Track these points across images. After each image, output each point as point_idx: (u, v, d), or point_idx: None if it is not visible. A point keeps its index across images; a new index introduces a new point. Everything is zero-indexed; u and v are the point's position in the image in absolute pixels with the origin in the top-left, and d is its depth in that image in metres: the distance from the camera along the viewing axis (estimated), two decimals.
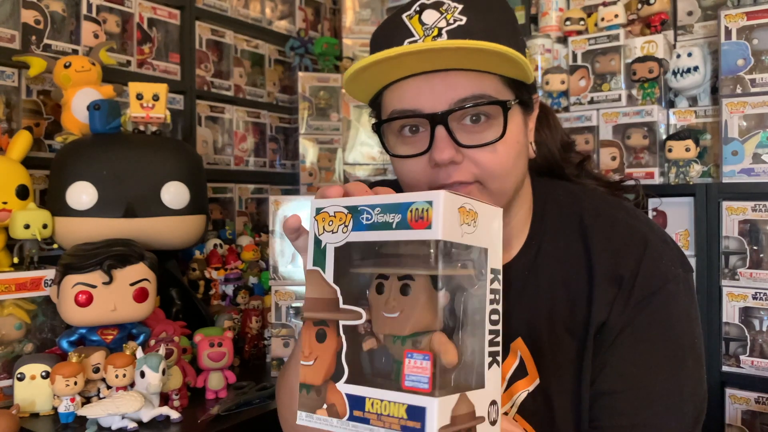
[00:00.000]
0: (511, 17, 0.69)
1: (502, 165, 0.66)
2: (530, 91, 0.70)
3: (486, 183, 0.66)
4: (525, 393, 0.70)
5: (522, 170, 0.71)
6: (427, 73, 0.65)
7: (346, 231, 0.48)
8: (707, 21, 1.65)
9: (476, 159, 0.65)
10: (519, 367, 0.70)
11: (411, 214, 0.45)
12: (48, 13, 1.45)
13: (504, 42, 0.62)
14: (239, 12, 1.96)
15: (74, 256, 1.13)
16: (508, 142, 0.66)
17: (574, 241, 0.72)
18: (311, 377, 0.47)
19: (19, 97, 1.39)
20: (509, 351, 0.71)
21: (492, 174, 0.66)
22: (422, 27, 0.64)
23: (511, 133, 0.66)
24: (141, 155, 1.32)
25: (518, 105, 0.68)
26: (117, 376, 1.04)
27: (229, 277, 1.57)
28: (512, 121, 0.67)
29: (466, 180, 0.66)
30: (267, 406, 1.13)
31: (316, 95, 2.03)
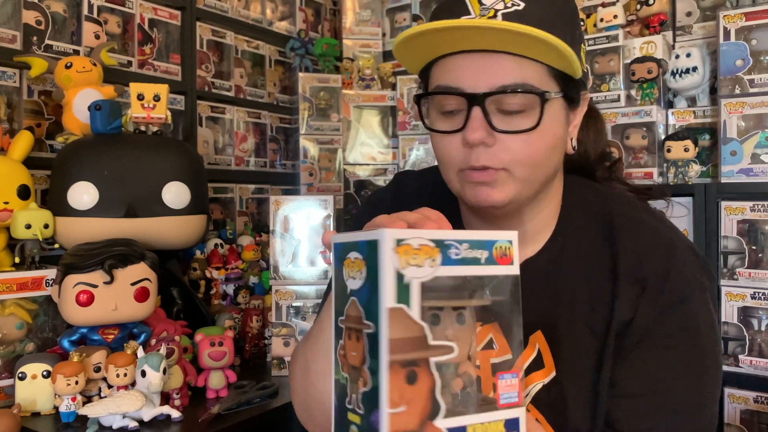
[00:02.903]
0: (572, 11, 0.68)
1: (532, 155, 0.66)
2: (578, 86, 0.69)
3: (514, 170, 0.66)
4: (540, 384, 0.70)
5: (555, 163, 0.70)
6: (474, 53, 0.64)
7: (434, 265, 0.46)
8: (706, 21, 1.66)
9: (508, 145, 0.65)
10: (536, 360, 0.71)
11: (496, 251, 0.49)
12: (49, 14, 1.45)
13: (557, 33, 0.61)
14: (240, 13, 1.96)
15: (75, 255, 1.13)
16: (544, 134, 0.65)
17: (600, 241, 0.72)
18: (404, 423, 0.44)
19: (21, 98, 1.40)
20: (527, 343, 0.71)
21: (522, 162, 0.66)
22: (480, 6, 0.63)
23: (547, 124, 0.65)
24: (142, 155, 1.32)
25: (562, 98, 0.67)
26: (118, 376, 1.04)
27: (230, 277, 1.57)
28: (551, 113, 0.66)
29: (495, 165, 0.65)
30: (267, 406, 1.14)
31: (317, 96, 2.04)
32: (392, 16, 2.32)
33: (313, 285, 1.34)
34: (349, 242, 0.48)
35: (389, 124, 2.15)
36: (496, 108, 0.65)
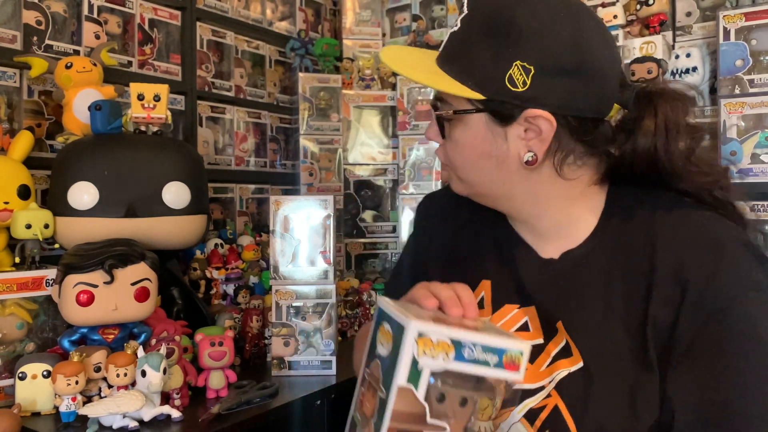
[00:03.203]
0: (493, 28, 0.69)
1: (455, 161, 0.77)
2: (504, 105, 0.70)
3: (452, 170, 0.78)
4: (566, 372, 0.70)
5: (489, 172, 0.74)
6: None
7: (446, 360, 0.53)
8: (706, 22, 1.66)
9: (444, 148, 0.78)
10: (564, 348, 0.72)
11: (506, 358, 0.55)
12: (49, 14, 1.46)
13: (469, 57, 0.70)
14: (240, 13, 1.96)
15: (75, 255, 1.13)
16: (459, 144, 0.75)
17: (641, 239, 0.71)
18: None
19: (21, 98, 1.40)
20: (557, 331, 0.72)
21: (452, 164, 0.78)
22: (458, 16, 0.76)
23: (461, 137, 0.74)
24: (142, 155, 1.32)
25: (484, 113, 0.72)
26: (118, 375, 1.04)
27: (230, 277, 1.57)
28: (463, 127, 0.74)
29: (444, 161, 0.79)
30: (267, 406, 1.14)
31: (317, 96, 2.04)
32: (392, 16, 2.32)
33: (313, 285, 1.34)
34: (387, 313, 0.57)
35: (389, 124, 2.15)
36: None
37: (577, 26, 0.69)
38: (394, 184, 2.13)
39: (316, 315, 1.33)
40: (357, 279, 1.88)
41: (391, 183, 2.14)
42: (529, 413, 0.70)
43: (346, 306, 1.66)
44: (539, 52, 0.68)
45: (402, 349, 0.52)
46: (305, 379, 1.29)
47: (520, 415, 0.70)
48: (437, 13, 2.24)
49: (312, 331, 1.33)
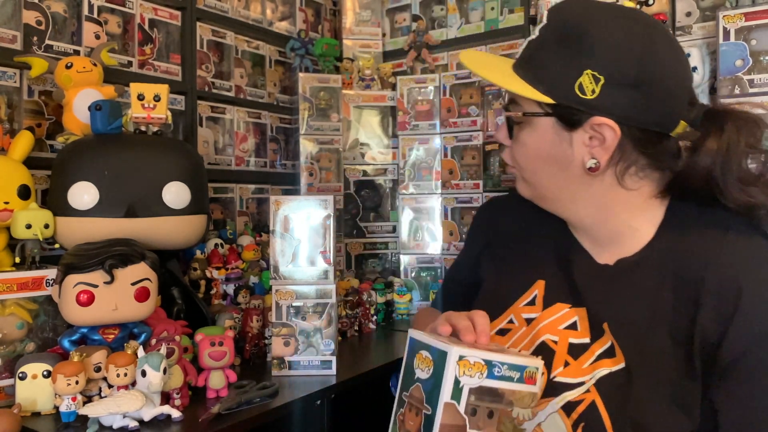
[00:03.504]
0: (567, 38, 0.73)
1: (521, 162, 0.81)
2: (571, 111, 0.74)
3: (517, 171, 0.83)
4: (607, 371, 0.73)
5: (553, 175, 0.78)
6: None
7: (481, 377, 0.64)
8: (706, 22, 1.66)
9: (511, 148, 0.83)
10: (609, 349, 0.74)
11: (526, 373, 0.67)
12: (49, 14, 1.46)
13: (542, 63, 0.75)
14: (240, 13, 1.96)
15: (76, 255, 1.13)
16: (526, 146, 0.79)
17: (694, 250, 0.73)
18: None
19: (21, 98, 1.40)
20: (604, 332, 0.75)
21: (518, 165, 0.82)
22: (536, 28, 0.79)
23: (528, 139, 0.79)
24: (142, 155, 1.32)
25: (551, 118, 0.76)
26: (118, 375, 1.04)
27: (230, 277, 1.57)
28: (531, 130, 0.78)
29: (510, 163, 0.84)
30: (268, 405, 1.14)
31: (317, 96, 2.04)
32: (392, 16, 2.32)
33: (313, 285, 1.34)
34: (424, 342, 0.68)
35: (389, 124, 2.15)
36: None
37: (650, 43, 0.72)
38: (394, 184, 2.13)
39: (316, 315, 1.33)
40: (357, 279, 1.88)
41: (391, 183, 2.14)
42: (567, 405, 0.73)
43: (346, 306, 1.66)
44: (610, 63, 0.71)
45: (446, 371, 0.63)
46: (305, 379, 1.29)
47: (558, 407, 0.73)
48: (437, 13, 2.24)
49: (312, 331, 1.33)
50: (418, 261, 2.07)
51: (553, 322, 0.79)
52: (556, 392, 0.74)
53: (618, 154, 0.74)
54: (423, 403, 0.64)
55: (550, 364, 0.76)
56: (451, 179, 2.03)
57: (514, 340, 0.82)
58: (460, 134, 2.02)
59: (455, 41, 2.17)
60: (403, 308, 1.89)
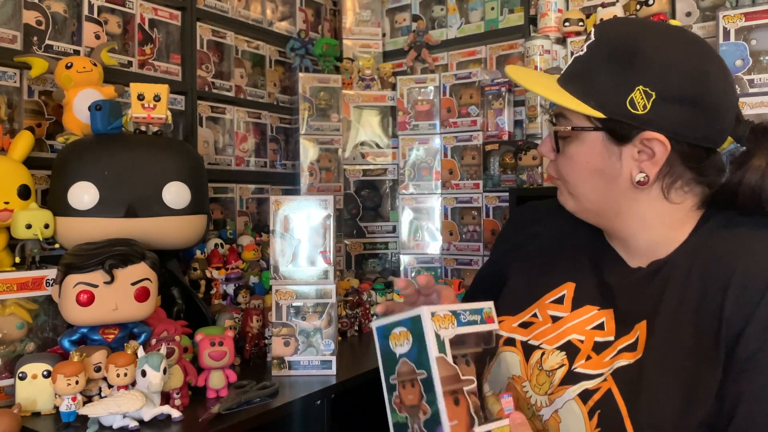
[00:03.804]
0: (620, 54, 0.75)
1: (567, 175, 0.82)
2: (621, 125, 0.75)
3: (563, 184, 0.83)
4: (625, 362, 0.74)
5: (600, 189, 0.79)
6: None
7: (453, 327, 0.69)
8: (706, 22, 1.66)
9: (556, 161, 0.83)
10: (632, 344, 0.76)
11: (484, 314, 0.73)
12: (49, 14, 1.46)
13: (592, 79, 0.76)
14: (240, 13, 1.96)
15: (76, 255, 1.13)
16: (573, 160, 0.80)
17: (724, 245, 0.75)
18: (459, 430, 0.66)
19: (21, 98, 1.40)
20: (631, 330, 0.77)
21: (563, 178, 0.83)
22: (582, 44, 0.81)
23: (572, 152, 0.80)
24: (142, 155, 1.32)
25: (601, 132, 0.77)
26: (118, 375, 1.04)
27: (230, 277, 1.57)
28: (579, 143, 0.79)
29: (554, 175, 0.85)
30: (268, 405, 1.14)
31: (317, 96, 2.04)
32: (392, 16, 2.32)
33: (313, 285, 1.34)
34: (393, 322, 0.71)
35: (389, 124, 2.15)
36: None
37: (701, 61, 0.75)
38: (394, 184, 2.13)
39: (316, 315, 1.33)
40: (357, 279, 1.88)
41: (391, 183, 2.14)
42: (584, 393, 0.74)
43: (346, 306, 1.66)
44: (662, 80, 0.73)
45: (426, 330, 0.66)
46: (305, 379, 1.29)
47: (575, 394, 0.75)
48: (437, 13, 2.24)
49: (312, 331, 1.33)
50: (418, 261, 2.07)
51: (581, 323, 0.81)
52: (574, 381, 0.76)
53: (666, 168, 0.76)
54: (415, 372, 0.67)
55: (573, 358, 0.78)
56: (451, 179, 2.03)
57: (537, 334, 0.83)
58: (460, 134, 2.02)
59: (455, 41, 2.17)
60: None
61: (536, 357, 0.81)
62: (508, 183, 1.88)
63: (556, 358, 0.79)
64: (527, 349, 0.83)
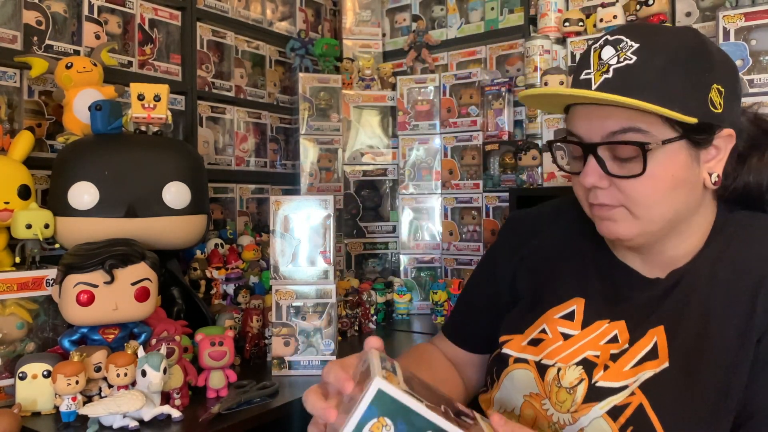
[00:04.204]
0: (694, 54, 0.71)
1: (646, 196, 0.72)
2: (707, 127, 0.72)
3: (630, 209, 0.74)
4: (651, 373, 0.72)
5: (681, 201, 0.74)
6: (588, 104, 0.74)
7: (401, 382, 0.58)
8: (705, 22, 1.66)
9: (621, 186, 0.73)
10: (651, 350, 0.73)
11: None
12: (49, 14, 1.46)
13: (667, 85, 0.69)
14: (240, 13, 1.96)
15: (76, 255, 1.13)
16: (655, 177, 0.71)
17: (749, 251, 0.75)
18: None
19: (21, 98, 1.40)
20: (645, 334, 0.75)
21: (636, 202, 0.73)
22: (599, 62, 0.72)
23: (658, 168, 0.71)
24: (142, 155, 1.32)
25: (683, 140, 0.71)
26: (118, 375, 1.04)
27: (230, 277, 1.57)
28: (663, 157, 0.71)
29: (611, 203, 0.74)
30: (268, 405, 1.14)
31: (317, 96, 2.04)
32: (392, 16, 2.32)
33: (313, 285, 1.34)
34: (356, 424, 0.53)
35: (389, 124, 2.15)
36: (610, 154, 0.73)
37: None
38: (394, 184, 2.13)
39: (316, 315, 1.33)
40: (357, 279, 1.88)
41: (391, 183, 2.14)
42: (613, 410, 0.71)
43: (346, 306, 1.66)
44: (727, 75, 0.73)
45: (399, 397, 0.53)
46: (305, 379, 1.29)
47: (603, 411, 0.72)
48: (437, 13, 2.24)
49: (312, 331, 1.33)
50: (418, 261, 2.07)
51: (594, 338, 0.78)
52: (599, 397, 0.73)
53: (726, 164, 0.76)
54: None
55: (591, 371, 0.75)
56: (451, 179, 2.03)
57: (549, 352, 0.79)
58: (460, 134, 2.02)
59: (455, 41, 2.17)
60: (403, 308, 1.90)
61: (552, 374, 0.78)
62: (508, 183, 1.88)
63: (573, 373, 0.76)
64: (541, 368, 0.79)
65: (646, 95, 0.68)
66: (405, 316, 1.90)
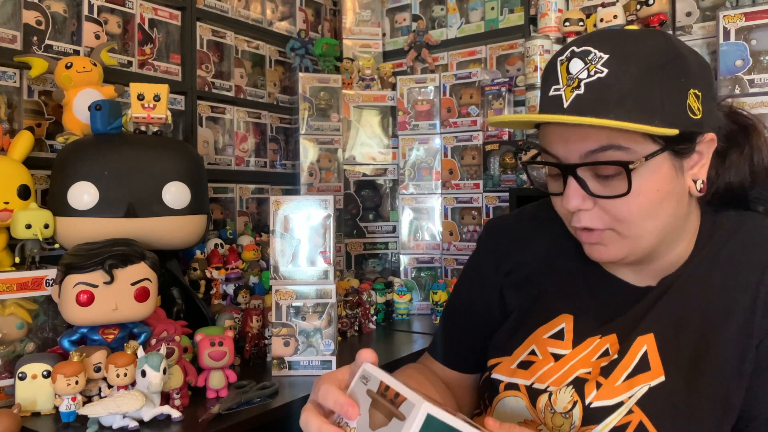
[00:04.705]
0: (669, 60, 0.68)
1: (632, 214, 0.69)
2: (688, 136, 0.69)
3: (619, 229, 0.70)
4: (647, 387, 0.70)
5: (666, 215, 0.71)
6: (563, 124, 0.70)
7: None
8: (706, 22, 1.66)
9: (606, 208, 0.69)
10: (641, 362, 0.71)
11: None
12: (49, 14, 1.46)
13: (643, 96, 0.65)
14: (240, 13, 1.96)
15: (75, 255, 1.13)
16: (641, 193, 0.68)
17: (744, 255, 0.74)
18: None
19: (21, 98, 1.40)
20: (629, 349, 0.73)
21: (624, 221, 0.70)
22: (567, 76, 0.68)
23: (643, 184, 0.68)
24: (142, 155, 1.32)
25: (665, 152, 0.68)
26: (118, 375, 1.04)
27: (230, 277, 1.57)
28: (647, 172, 0.68)
29: (597, 227, 0.71)
30: (268, 405, 1.14)
31: (317, 96, 2.04)
32: (392, 16, 2.32)
33: (313, 285, 1.34)
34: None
35: (389, 124, 2.15)
36: (591, 173, 0.69)
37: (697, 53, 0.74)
38: (394, 184, 2.13)
39: (316, 315, 1.33)
40: (357, 279, 1.88)
41: (391, 183, 2.14)
42: (613, 431, 0.69)
43: (346, 306, 1.66)
44: (702, 77, 0.70)
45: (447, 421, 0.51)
46: (305, 379, 1.29)
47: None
48: (437, 13, 2.24)
49: (312, 331, 1.33)
50: (418, 261, 2.07)
51: (586, 356, 0.76)
52: (597, 419, 0.70)
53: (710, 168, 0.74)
54: None
55: (583, 391, 0.72)
56: (451, 179, 2.03)
57: (540, 375, 0.76)
58: (460, 134, 2.02)
59: (455, 41, 2.17)
60: (403, 308, 1.89)
61: (544, 400, 0.75)
62: (508, 183, 1.88)
63: (565, 396, 0.73)
64: (533, 393, 0.76)
65: (622, 111, 0.65)
66: (405, 317, 1.90)
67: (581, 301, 0.80)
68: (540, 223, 0.87)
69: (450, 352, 0.94)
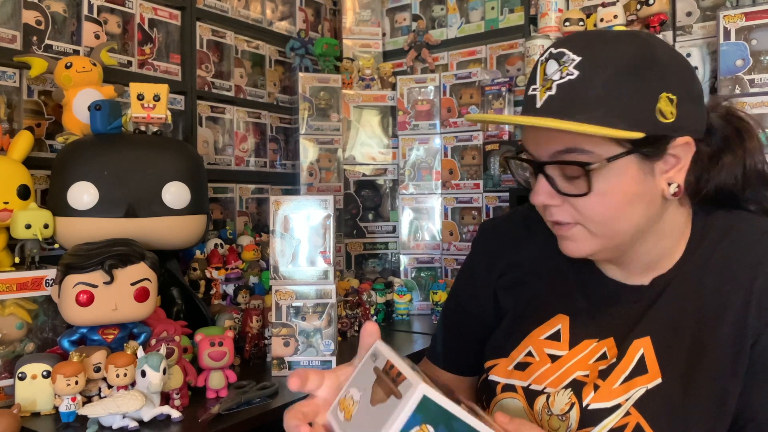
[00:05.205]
0: (632, 67, 0.67)
1: (599, 213, 0.70)
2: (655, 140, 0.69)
3: (587, 226, 0.72)
4: (644, 389, 0.70)
5: (636, 216, 0.72)
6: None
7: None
8: (706, 21, 1.66)
9: (574, 204, 0.71)
10: (639, 364, 0.72)
11: None
12: (49, 14, 1.45)
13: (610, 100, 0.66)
14: (240, 13, 1.96)
15: (75, 255, 1.13)
16: (606, 194, 0.69)
17: (737, 254, 0.74)
18: None
19: (21, 98, 1.40)
20: (626, 352, 0.73)
21: (591, 220, 0.71)
22: (543, 77, 0.70)
23: (607, 185, 0.69)
24: (142, 155, 1.32)
25: (631, 155, 0.68)
26: (118, 376, 1.04)
27: (230, 277, 1.57)
28: (610, 174, 0.69)
29: (566, 221, 0.73)
30: (267, 406, 1.13)
31: (317, 96, 2.04)
32: (392, 16, 2.32)
33: (313, 285, 1.34)
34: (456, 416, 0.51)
35: (389, 124, 2.15)
36: (559, 172, 0.71)
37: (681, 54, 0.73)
38: (394, 184, 2.13)
39: (316, 315, 1.33)
40: (357, 279, 1.88)
41: (391, 183, 2.14)
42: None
43: (346, 306, 1.66)
44: (680, 80, 0.69)
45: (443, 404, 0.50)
46: None
47: None
48: (437, 13, 2.24)
49: (312, 331, 1.33)
50: (418, 261, 2.07)
51: (583, 358, 0.76)
52: (594, 421, 0.71)
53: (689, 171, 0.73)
54: None
55: (581, 393, 0.73)
56: (451, 179, 2.03)
57: (537, 376, 0.77)
58: (460, 134, 2.01)
59: (455, 41, 2.17)
60: (403, 308, 1.89)
61: (541, 402, 0.75)
62: (509, 183, 1.88)
63: (563, 398, 0.74)
64: (530, 394, 0.77)
65: (587, 114, 0.66)
66: (405, 317, 1.90)
67: (576, 302, 0.80)
68: (532, 223, 0.87)
69: (448, 355, 0.95)
